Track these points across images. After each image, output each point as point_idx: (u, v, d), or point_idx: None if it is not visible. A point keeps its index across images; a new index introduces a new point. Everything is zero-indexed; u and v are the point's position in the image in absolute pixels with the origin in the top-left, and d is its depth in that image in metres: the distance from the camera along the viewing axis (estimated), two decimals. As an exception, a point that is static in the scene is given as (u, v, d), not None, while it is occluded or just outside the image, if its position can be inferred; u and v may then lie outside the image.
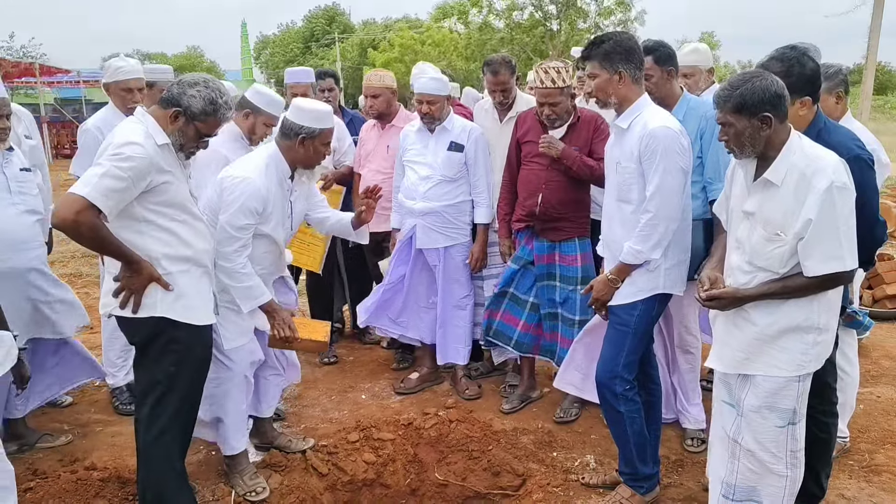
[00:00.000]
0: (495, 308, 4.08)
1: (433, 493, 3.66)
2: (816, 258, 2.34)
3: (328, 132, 3.28)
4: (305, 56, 54.69)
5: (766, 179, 2.42)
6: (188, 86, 2.70)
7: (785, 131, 2.42)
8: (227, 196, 3.09)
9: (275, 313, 3.25)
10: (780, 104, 2.37)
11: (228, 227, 3.07)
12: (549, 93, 3.62)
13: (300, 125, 3.20)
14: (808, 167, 2.34)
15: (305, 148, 3.23)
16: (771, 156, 2.41)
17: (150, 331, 2.76)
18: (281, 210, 3.28)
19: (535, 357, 4.21)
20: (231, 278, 3.11)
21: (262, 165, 3.17)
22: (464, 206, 4.25)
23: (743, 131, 2.40)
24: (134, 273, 2.66)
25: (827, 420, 2.86)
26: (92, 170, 2.53)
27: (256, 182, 3.09)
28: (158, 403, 2.82)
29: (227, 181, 3.12)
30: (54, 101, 25.93)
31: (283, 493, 3.37)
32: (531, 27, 28.45)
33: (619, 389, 3.06)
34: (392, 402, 4.32)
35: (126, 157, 2.52)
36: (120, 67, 4.04)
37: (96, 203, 2.46)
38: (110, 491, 3.24)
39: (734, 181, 2.65)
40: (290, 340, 3.27)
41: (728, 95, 2.40)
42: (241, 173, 3.12)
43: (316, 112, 3.23)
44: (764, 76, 2.39)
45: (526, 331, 4.03)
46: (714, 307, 2.62)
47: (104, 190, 2.48)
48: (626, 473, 3.19)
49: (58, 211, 2.48)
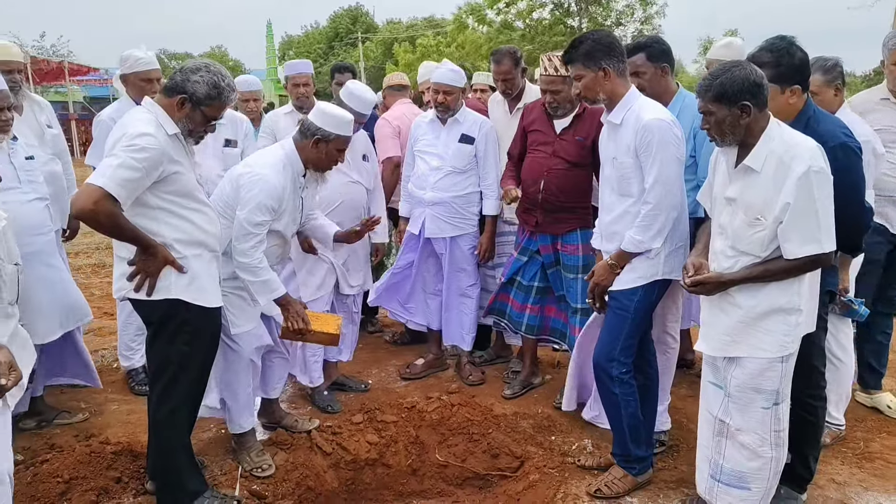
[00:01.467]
0: (505, 294, 4.18)
1: (433, 473, 3.76)
2: (795, 241, 2.42)
3: (344, 139, 3.38)
4: (329, 56, 55.09)
5: (746, 166, 2.49)
6: (191, 72, 2.80)
7: (764, 119, 2.50)
8: (245, 193, 3.17)
9: (289, 306, 3.35)
10: (759, 93, 2.44)
11: (246, 224, 3.15)
12: (551, 80, 3.70)
13: (318, 126, 3.31)
14: (786, 153, 2.41)
15: (318, 150, 3.34)
16: (751, 143, 2.49)
17: (164, 312, 2.87)
18: (293, 207, 3.39)
19: (539, 342, 4.30)
20: (249, 273, 3.21)
21: (279, 163, 3.27)
22: (472, 197, 4.35)
23: (723, 119, 2.48)
24: (150, 257, 2.77)
25: (814, 403, 2.92)
26: (108, 160, 2.63)
27: (273, 180, 3.19)
28: (171, 382, 2.94)
29: (244, 178, 3.21)
30: (83, 99, 26.46)
31: (287, 470, 3.49)
32: (551, 26, 28.41)
33: (615, 372, 3.13)
34: (397, 387, 4.43)
35: (140, 148, 2.62)
36: (140, 58, 4.11)
37: (113, 193, 2.57)
38: (122, 464, 3.39)
39: (717, 169, 2.73)
40: (303, 332, 3.37)
41: (709, 85, 2.48)
42: (259, 171, 3.20)
43: (336, 118, 3.33)
44: (743, 66, 2.47)
45: (534, 314, 4.11)
46: (699, 292, 2.70)
47: (120, 180, 2.58)
48: (619, 455, 3.27)
49: (77, 201, 2.60)
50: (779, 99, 2.71)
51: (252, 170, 3.22)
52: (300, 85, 4.63)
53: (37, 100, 4.16)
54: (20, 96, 3.84)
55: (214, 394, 3.44)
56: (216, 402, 3.46)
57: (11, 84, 3.56)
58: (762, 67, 2.65)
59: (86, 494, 3.13)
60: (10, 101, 3.36)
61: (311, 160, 3.37)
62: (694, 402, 3.95)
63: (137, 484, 3.28)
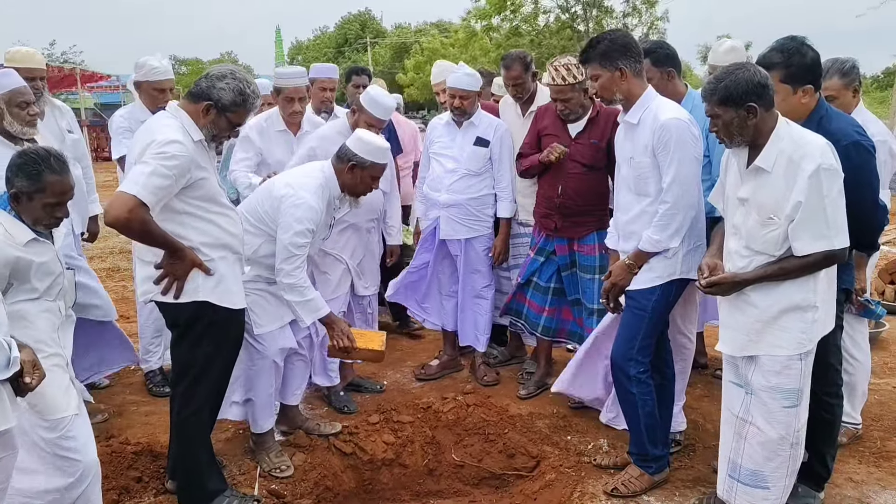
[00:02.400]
0: (522, 295, 4.20)
1: (450, 473, 3.79)
2: (805, 238, 2.44)
3: (379, 167, 3.47)
4: (338, 60, 55.29)
5: (757, 166, 2.52)
6: (216, 79, 2.82)
7: (772, 119, 2.52)
8: (287, 216, 3.25)
9: (334, 324, 3.43)
10: (765, 93, 2.47)
11: (290, 247, 3.23)
12: (560, 89, 3.73)
13: (354, 153, 3.40)
14: (795, 152, 2.43)
15: (353, 175, 3.42)
16: (761, 143, 2.52)
17: (191, 314, 2.90)
18: (324, 227, 3.49)
19: (554, 344, 4.32)
20: (295, 294, 3.28)
21: (319, 187, 3.36)
22: (487, 199, 4.38)
23: (731, 122, 2.51)
24: (178, 260, 2.80)
25: (831, 401, 2.92)
26: (138, 168, 2.66)
27: (315, 205, 3.29)
28: (194, 383, 2.98)
29: (288, 200, 3.28)
30: (94, 106, 26.65)
31: (305, 470, 3.53)
32: (558, 30, 28.44)
33: (632, 372, 3.15)
34: (412, 388, 4.45)
35: (171, 156, 2.65)
36: (155, 68, 4.13)
37: (145, 200, 2.61)
38: (143, 463, 3.42)
39: (728, 169, 2.74)
40: (349, 350, 3.44)
41: (714, 88, 2.51)
42: (302, 194, 3.28)
43: (373, 146, 3.42)
44: (747, 68, 2.50)
45: (551, 315, 4.14)
46: (715, 293, 2.72)
47: (152, 188, 2.62)
48: (636, 454, 3.28)
49: (111, 210, 2.63)
50: (791, 99, 2.72)
51: (295, 192, 3.29)
52: (327, 89, 4.63)
53: (58, 105, 4.22)
54: (42, 102, 3.90)
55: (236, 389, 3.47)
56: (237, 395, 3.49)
57: (35, 90, 3.63)
58: (774, 68, 2.68)
59: (107, 494, 3.15)
60: (31, 97, 3.44)
61: (346, 185, 3.46)
62: (710, 402, 4.00)
63: (158, 483, 3.32)
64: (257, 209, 3.36)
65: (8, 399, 2.05)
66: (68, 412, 2.48)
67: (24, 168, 2.44)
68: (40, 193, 2.45)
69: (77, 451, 2.48)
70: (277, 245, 3.28)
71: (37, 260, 2.44)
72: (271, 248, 3.33)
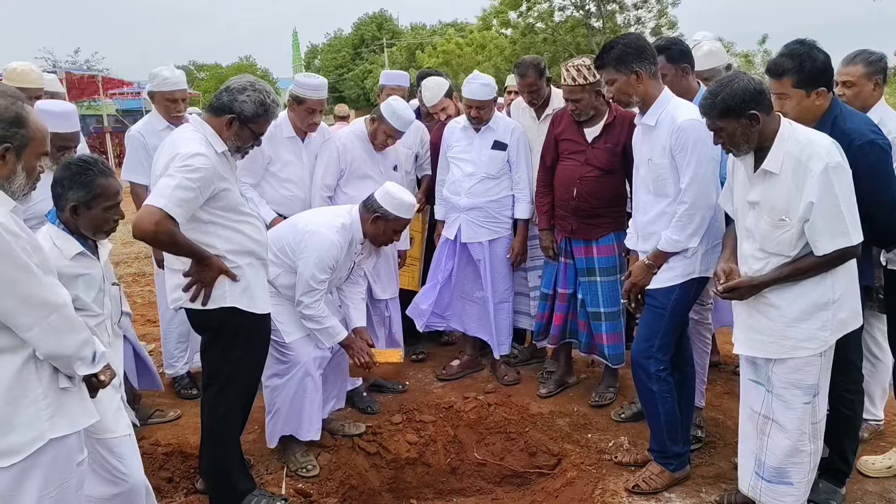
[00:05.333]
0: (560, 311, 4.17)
1: (472, 471, 3.85)
2: (825, 238, 2.47)
3: (403, 221, 3.64)
4: (355, 62, 55.48)
5: (765, 170, 2.55)
6: (237, 92, 2.89)
7: (774, 122, 2.55)
8: (308, 251, 3.42)
9: (353, 344, 3.60)
10: (763, 99, 2.51)
11: (311, 281, 3.41)
12: (571, 89, 3.76)
13: (380, 205, 3.54)
14: (801, 153, 2.47)
15: (377, 226, 3.57)
16: (766, 146, 2.55)
17: (220, 320, 2.98)
18: (343, 266, 3.62)
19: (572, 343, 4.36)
20: (314, 322, 3.48)
21: (342, 227, 3.53)
22: (506, 201, 4.42)
23: (734, 132, 2.54)
24: (205, 268, 2.88)
25: (851, 397, 2.93)
26: (164, 181, 2.73)
27: (336, 241, 3.46)
28: (225, 386, 3.07)
29: (311, 237, 3.45)
30: (116, 112, 27.03)
31: (331, 470, 3.61)
32: (573, 27, 28.27)
33: (652, 369, 3.18)
34: (434, 388, 4.51)
35: (195, 169, 2.73)
36: (167, 78, 4.16)
37: (172, 213, 2.68)
38: (173, 464, 3.52)
39: (735, 173, 2.78)
40: (370, 366, 3.59)
41: (711, 104, 2.55)
42: (325, 232, 3.46)
43: (398, 200, 3.55)
44: (740, 77, 2.54)
45: (574, 319, 4.16)
46: (732, 297, 2.74)
47: (178, 200, 2.69)
48: (657, 451, 3.31)
49: (139, 224, 2.70)
50: (805, 102, 2.74)
51: (319, 230, 3.47)
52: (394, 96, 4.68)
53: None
54: None
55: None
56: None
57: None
58: (786, 74, 2.71)
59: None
60: (77, 142, 3.50)
61: (369, 233, 3.60)
62: (730, 399, 4.01)
63: (188, 483, 3.42)
64: (281, 240, 3.51)
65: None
66: (118, 433, 2.54)
67: (76, 179, 2.46)
68: (98, 199, 2.48)
69: (124, 472, 2.53)
70: (298, 278, 3.45)
71: (83, 273, 2.50)
72: (290, 280, 3.50)
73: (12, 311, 1.88)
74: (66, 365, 2.04)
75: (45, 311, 1.93)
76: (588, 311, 4.03)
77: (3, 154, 1.89)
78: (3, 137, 1.89)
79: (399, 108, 3.99)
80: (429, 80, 4.80)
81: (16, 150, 1.92)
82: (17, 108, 1.92)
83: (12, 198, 1.94)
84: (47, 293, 1.94)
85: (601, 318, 3.99)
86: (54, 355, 2.00)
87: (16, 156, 1.92)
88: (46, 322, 1.93)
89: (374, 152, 4.20)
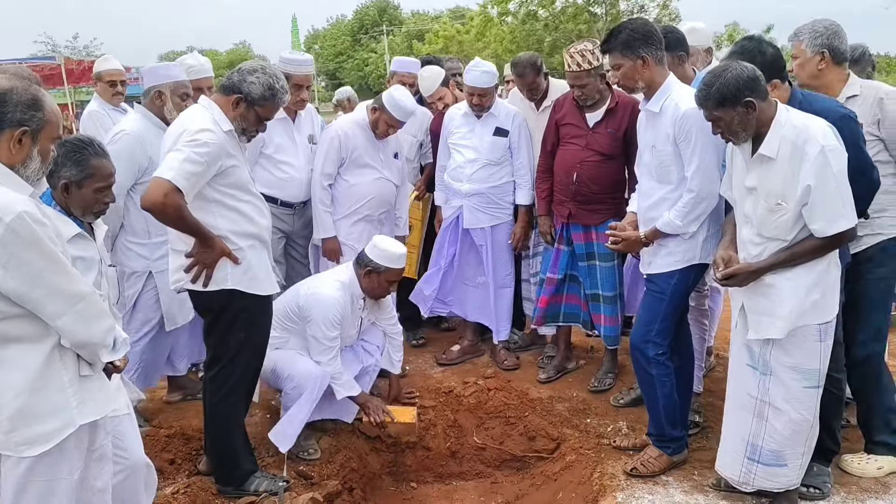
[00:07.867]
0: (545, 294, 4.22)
1: (471, 455, 3.89)
2: (825, 220, 2.50)
3: (395, 272, 3.69)
4: (355, 48, 55.30)
5: (762, 155, 2.58)
6: (247, 73, 2.91)
7: (771, 108, 2.57)
8: (314, 312, 3.53)
9: (368, 402, 3.70)
10: (758, 86, 2.53)
11: (324, 340, 3.53)
12: (576, 75, 3.76)
13: (371, 259, 3.60)
14: (798, 137, 2.49)
15: (370, 280, 3.63)
16: (763, 132, 2.58)
17: (222, 302, 3.01)
18: (350, 323, 3.73)
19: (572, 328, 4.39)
20: (331, 379, 3.57)
21: (341, 285, 3.63)
22: (507, 187, 4.44)
23: (732, 121, 2.57)
24: (207, 248, 2.91)
25: (837, 376, 2.98)
26: (172, 155, 2.77)
27: (336, 296, 3.57)
28: (227, 367, 3.10)
29: (311, 299, 3.56)
30: (115, 98, 26.90)
31: (332, 453, 3.64)
32: (575, 14, 28.15)
33: (651, 353, 3.21)
34: (434, 373, 4.54)
35: (202, 143, 2.77)
36: (192, 66, 3.99)
37: (179, 186, 2.72)
38: (175, 446, 3.55)
39: (734, 159, 2.80)
40: (385, 426, 3.68)
41: (707, 94, 2.57)
42: (324, 291, 3.58)
43: (388, 252, 3.61)
44: (733, 67, 2.55)
45: (569, 302, 4.21)
46: (732, 284, 2.78)
47: (186, 173, 2.73)
48: (654, 435, 3.34)
49: (148, 195, 2.75)
50: None
51: (320, 290, 3.60)
52: (407, 85, 4.66)
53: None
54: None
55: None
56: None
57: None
58: None
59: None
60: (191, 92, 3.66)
61: (364, 287, 3.67)
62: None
63: (190, 465, 3.44)
64: (286, 307, 3.60)
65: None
66: (117, 411, 2.49)
67: (69, 157, 2.42)
68: (89, 179, 2.45)
69: (124, 450, 2.49)
70: (311, 341, 3.58)
71: (81, 255, 2.48)
72: (300, 343, 3.64)
73: (41, 300, 1.89)
74: (91, 353, 2.06)
75: (73, 300, 1.95)
76: (587, 294, 4.08)
77: (20, 138, 1.90)
78: (21, 121, 1.89)
79: (401, 98, 3.99)
80: (424, 69, 4.79)
81: (32, 133, 1.93)
82: (34, 90, 1.93)
83: (27, 182, 1.95)
84: (74, 281, 1.96)
85: (600, 301, 4.04)
86: (82, 343, 2.02)
87: (32, 139, 1.93)
88: (75, 310, 1.95)
89: (376, 140, 4.20)
